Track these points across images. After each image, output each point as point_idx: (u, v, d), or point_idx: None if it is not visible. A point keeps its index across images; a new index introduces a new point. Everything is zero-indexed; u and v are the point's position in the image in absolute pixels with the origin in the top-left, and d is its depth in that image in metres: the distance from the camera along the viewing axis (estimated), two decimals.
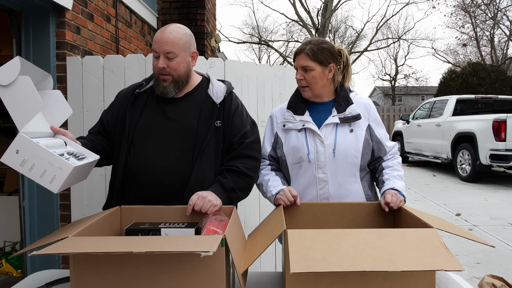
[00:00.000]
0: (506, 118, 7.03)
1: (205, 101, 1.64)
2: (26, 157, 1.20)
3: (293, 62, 1.70)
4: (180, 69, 1.58)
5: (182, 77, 1.61)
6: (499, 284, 1.20)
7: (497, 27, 20.03)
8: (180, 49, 1.57)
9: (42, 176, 1.20)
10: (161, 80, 1.59)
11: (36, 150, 1.20)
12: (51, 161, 1.20)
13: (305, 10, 23.99)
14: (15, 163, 1.20)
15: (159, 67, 1.56)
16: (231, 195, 1.54)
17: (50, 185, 1.22)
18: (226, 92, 1.66)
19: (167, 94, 1.61)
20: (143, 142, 1.59)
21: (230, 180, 1.55)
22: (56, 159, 1.21)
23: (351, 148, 1.63)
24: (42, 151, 1.20)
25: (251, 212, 2.84)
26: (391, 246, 1.00)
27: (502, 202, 6.04)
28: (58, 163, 1.20)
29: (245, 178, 1.59)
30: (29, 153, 1.19)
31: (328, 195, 1.64)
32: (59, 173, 1.21)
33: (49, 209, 2.69)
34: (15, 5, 2.56)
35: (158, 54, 1.56)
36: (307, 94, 1.68)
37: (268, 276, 1.36)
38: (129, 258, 1.02)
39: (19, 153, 1.19)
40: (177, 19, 4.81)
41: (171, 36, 1.55)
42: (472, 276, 3.30)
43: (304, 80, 1.65)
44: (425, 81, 36.99)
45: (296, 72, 1.67)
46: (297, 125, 1.68)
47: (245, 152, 1.61)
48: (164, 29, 1.57)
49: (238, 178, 1.57)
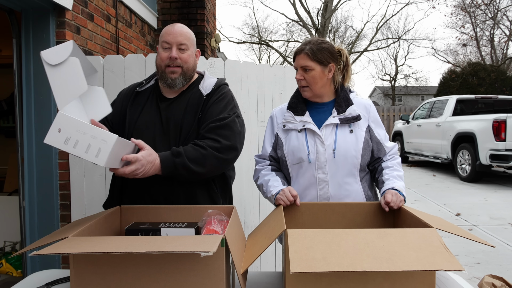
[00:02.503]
0: (506, 118, 7.04)
1: (194, 95, 1.65)
2: (69, 134, 1.18)
3: (293, 62, 1.70)
4: (190, 62, 1.63)
5: (190, 70, 1.64)
6: (499, 284, 1.20)
7: (497, 27, 20.04)
8: (191, 43, 1.64)
9: (87, 151, 1.18)
10: (169, 72, 1.60)
11: (78, 125, 1.18)
12: (94, 135, 1.18)
13: (305, 10, 24.06)
14: (59, 142, 1.18)
15: (172, 56, 1.58)
16: (176, 160, 1.45)
17: (96, 159, 1.20)
18: (215, 85, 1.67)
19: (175, 86, 1.62)
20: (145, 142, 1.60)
21: (179, 148, 1.49)
22: (98, 132, 1.19)
23: (351, 148, 1.63)
24: (84, 126, 1.19)
25: (251, 212, 2.85)
26: (391, 246, 1.00)
27: (502, 202, 6.04)
28: (101, 135, 1.19)
29: (199, 149, 1.49)
30: (71, 129, 1.18)
31: (328, 196, 1.64)
32: (104, 145, 1.19)
33: (49, 209, 2.69)
34: (15, 5, 2.56)
35: (169, 46, 1.59)
36: (307, 94, 1.68)
37: (268, 276, 1.36)
38: (129, 258, 1.03)
39: (61, 132, 1.18)
40: (177, 19, 4.82)
41: (184, 30, 1.62)
42: (472, 276, 3.30)
43: (304, 80, 1.65)
44: (425, 81, 37.04)
45: (296, 72, 1.67)
46: (297, 125, 1.68)
47: (206, 135, 1.55)
48: (174, 25, 1.63)
49: (190, 148, 1.50)
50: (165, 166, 1.44)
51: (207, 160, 1.51)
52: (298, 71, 1.65)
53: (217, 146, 1.53)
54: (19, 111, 2.68)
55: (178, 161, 1.46)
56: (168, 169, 1.45)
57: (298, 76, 1.65)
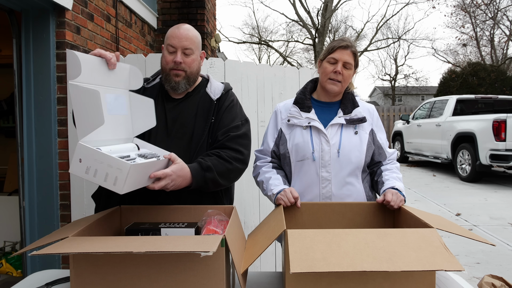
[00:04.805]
0: (506, 118, 7.03)
1: (203, 98, 1.65)
2: (89, 164, 1.21)
3: (330, 54, 1.66)
4: (194, 66, 1.62)
5: (194, 74, 1.63)
6: (498, 284, 1.20)
7: (497, 27, 20.04)
8: (196, 47, 1.62)
9: (105, 179, 1.21)
10: (174, 75, 1.59)
11: (95, 155, 1.21)
12: (110, 164, 1.21)
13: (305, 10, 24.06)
14: (81, 172, 1.22)
15: (177, 61, 1.57)
16: (207, 175, 1.46)
17: (114, 187, 1.22)
18: (223, 90, 1.67)
19: (178, 90, 1.62)
20: (147, 141, 1.61)
21: (207, 161, 1.49)
22: (114, 161, 1.21)
23: (355, 149, 1.65)
24: (100, 156, 1.21)
25: (251, 212, 2.85)
26: (391, 246, 1.00)
27: (502, 202, 6.04)
28: (116, 164, 1.21)
29: (225, 163, 1.51)
30: (90, 159, 1.21)
31: (330, 194, 1.65)
32: (119, 173, 1.21)
33: (49, 209, 2.69)
34: (15, 5, 2.56)
35: (174, 49, 1.58)
36: (336, 89, 1.67)
37: (268, 276, 1.36)
38: (129, 258, 1.03)
39: (82, 162, 1.21)
40: (177, 19, 4.81)
41: (190, 34, 1.59)
42: (472, 276, 3.30)
43: (341, 75, 1.65)
44: (425, 81, 37.03)
45: (335, 65, 1.64)
46: (302, 121, 1.68)
47: (228, 144, 1.56)
48: (180, 26, 1.60)
49: (217, 162, 1.50)
50: (196, 181, 1.45)
51: (232, 174, 1.56)
52: (339, 64, 1.64)
53: (240, 158, 1.56)
54: (19, 111, 2.68)
55: (209, 175, 1.47)
56: (199, 183, 1.46)
57: (338, 69, 1.63)
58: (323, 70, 1.67)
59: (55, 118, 2.68)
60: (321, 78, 1.70)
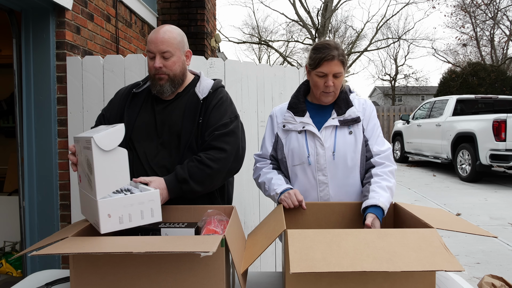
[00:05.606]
0: (506, 118, 7.03)
1: (191, 98, 1.64)
2: (119, 213, 1.19)
3: (317, 68, 1.58)
4: (176, 68, 1.60)
5: (178, 76, 1.62)
6: (498, 284, 1.20)
7: (497, 27, 20.04)
8: (175, 48, 1.59)
9: (142, 217, 1.21)
10: (157, 79, 1.59)
11: (122, 201, 1.19)
12: (140, 201, 1.21)
13: (305, 10, 24.04)
14: (115, 225, 1.19)
15: (156, 66, 1.56)
16: (183, 187, 1.48)
17: (153, 219, 1.23)
18: (211, 88, 1.65)
19: (164, 93, 1.61)
20: (137, 143, 1.62)
21: (185, 171, 1.49)
22: (142, 196, 1.22)
23: (350, 150, 1.62)
24: (128, 200, 1.20)
25: (251, 212, 2.85)
26: (391, 246, 1.00)
27: (502, 202, 6.04)
28: (147, 197, 1.22)
29: (205, 169, 1.51)
30: (118, 209, 1.19)
31: (328, 197, 1.64)
32: (153, 204, 1.23)
33: (49, 209, 2.69)
34: (15, 5, 2.56)
35: (153, 55, 1.57)
36: (330, 99, 1.65)
37: (268, 276, 1.36)
38: (129, 258, 1.02)
39: (112, 216, 1.18)
40: (177, 19, 4.82)
41: (166, 36, 1.57)
42: (472, 276, 3.30)
43: (333, 86, 1.60)
44: (425, 81, 37.06)
45: (325, 78, 1.58)
46: (297, 126, 1.67)
47: (213, 144, 1.55)
48: (157, 30, 1.59)
49: (196, 169, 1.50)
50: (173, 193, 1.48)
51: (214, 179, 1.55)
52: (329, 77, 1.57)
53: (223, 157, 1.54)
54: (19, 111, 2.68)
55: (185, 187, 1.49)
56: (176, 194, 1.49)
57: (330, 83, 1.58)
58: (314, 83, 1.62)
59: (55, 118, 2.68)
60: (313, 89, 1.66)
